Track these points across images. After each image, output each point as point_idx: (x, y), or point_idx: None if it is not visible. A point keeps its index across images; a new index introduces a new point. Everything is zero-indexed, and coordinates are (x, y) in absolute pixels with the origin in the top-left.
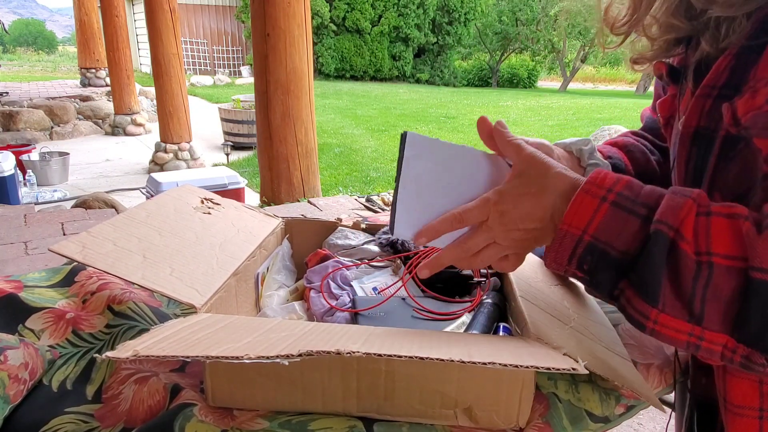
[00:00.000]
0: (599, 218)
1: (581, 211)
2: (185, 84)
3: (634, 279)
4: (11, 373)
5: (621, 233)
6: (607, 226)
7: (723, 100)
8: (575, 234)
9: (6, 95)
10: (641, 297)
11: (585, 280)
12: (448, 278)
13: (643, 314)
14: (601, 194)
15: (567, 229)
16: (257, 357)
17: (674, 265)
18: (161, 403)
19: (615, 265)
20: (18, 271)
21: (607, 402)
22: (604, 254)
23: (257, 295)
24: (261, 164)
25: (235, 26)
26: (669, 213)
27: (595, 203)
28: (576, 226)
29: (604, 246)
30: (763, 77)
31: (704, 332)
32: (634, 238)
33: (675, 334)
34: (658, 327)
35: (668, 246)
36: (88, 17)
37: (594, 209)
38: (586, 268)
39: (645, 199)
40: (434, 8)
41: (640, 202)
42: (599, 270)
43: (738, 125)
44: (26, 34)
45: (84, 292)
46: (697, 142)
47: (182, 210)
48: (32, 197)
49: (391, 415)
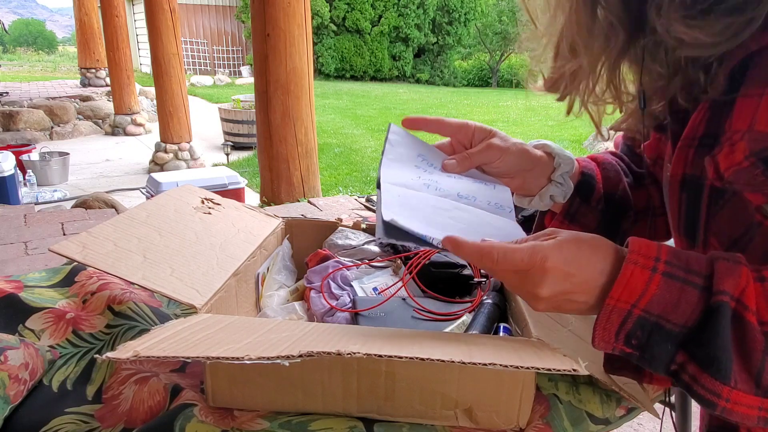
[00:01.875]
0: (652, 290)
1: (632, 284)
2: (185, 84)
3: (699, 354)
4: (11, 373)
5: (678, 306)
6: (662, 298)
7: (704, 149)
8: (623, 309)
9: (6, 95)
10: (711, 374)
11: (635, 357)
12: (449, 278)
13: (714, 393)
14: (651, 265)
15: (615, 304)
16: (258, 358)
17: (740, 337)
18: (161, 403)
19: (671, 338)
20: (18, 271)
21: (608, 404)
22: (657, 327)
23: (257, 296)
24: (261, 164)
25: (235, 26)
26: (728, 282)
27: (647, 275)
28: (625, 301)
29: (657, 319)
30: (738, 130)
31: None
32: (693, 311)
33: (747, 410)
34: (731, 405)
35: (733, 318)
36: (88, 17)
37: (646, 281)
38: (635, 343)
39: (697, 267)
40: (434, 8)
41: (694, 271)
42: (653, 344)
43: (722, 179)
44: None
45: (84, 292)
46: (685, 188)
47: (182, 210)
48: (32, 197)
49: (391, 416)
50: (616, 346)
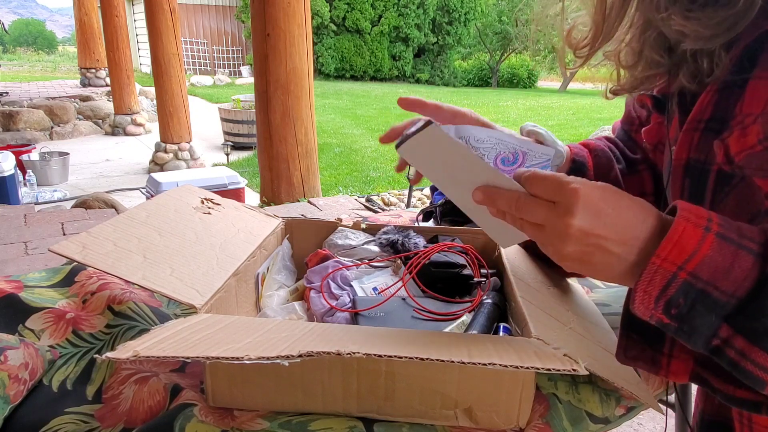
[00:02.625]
0: (704, 251)
1: (683, 241)
2: (185, 84)
3: (750, 327)
4: (11, 373)
5: (730, 272)
6: (714, 261)
7: (711, 133)
8: (669, 270)
9: (6, 95)
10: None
11: (672, 328)
12: (448, 278)
13: (765, 369)
14: (704, 224)
15: (660, 264)
16: (257, 358)
17: None
18: (161, 403)
19: (717, 308)
20: (18, 271)
21: (607, 403)
22: (704, 295)
23: (257, 296)
24: (261, 164)
25: (235, 26)
26: None
27: (699, 234)
28: (672, 261)
29: (705, 286)
30: (750, 113)
31: None
32: (746, 278)
33: None
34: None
35: None
36: (88, 17)
37: (698, 240)
38: (674, 312)
39: (749, 233)
40: (434, 8)
41: (748, 237)
42: (696, 315)
43: (731, 163)
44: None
45: (84, 292)
46: (689, 173)
47: (182, 210)
48: (32, 197)
49: (391, 416)
50: (654, 313)
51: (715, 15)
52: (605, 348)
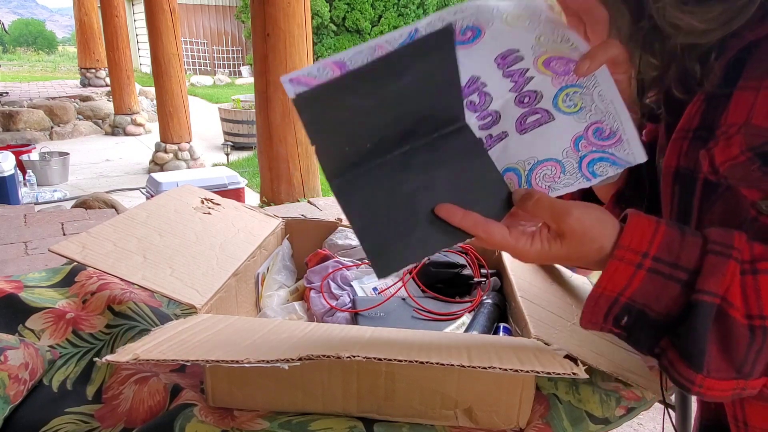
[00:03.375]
0: (635, 285)
1: (616, 278)
2: (185, 84)
3: (677, 343)
4: (11, 373)
5: (660, 298)
6: (645, 291)
7: (699, 142)
8: (610, 296)
9: (6, 95)
10: (685, 363)
11: (623, 337)
12: (448, 278)
13: (688, 379)
14: (637, 261)
15: (602, 292)
16: (257, 361)
17: (723, 333)
18: (161, 403)
19: (654, 325)
20: (18, 271)
21: (607, 403)
22: (642, 314)
23: (257, 296)
24: (261, 164)
25: (235, 26)
26: (712, 281)
27: (630, 271)
28: (611, 290)
29: (642, 307)
30: (734, 123)
31: (748, 383)
32: (675, 303)
33: (721, 393)
34: (704, 390)
35: (714, 314)
36: (88, 17)
37: (629, 276)
38: (623, 324)
39: (685, 262)
40: (434, 8)
41: (681, 267)
42: (637, 329)
43: (717, 173)
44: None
45: (84, 293)
46: (678, 181)
47: (182, 210)
48: (32, 197)
49: (391, 416)
50: (604, 326)
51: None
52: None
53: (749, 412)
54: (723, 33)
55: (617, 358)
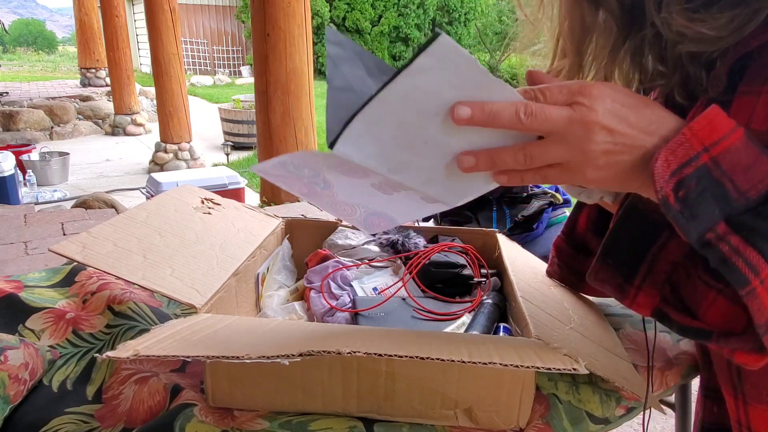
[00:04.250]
0: (732, 141)
1: (716, 123)
2: (185, 84)
3: (749, 226)
4: (11, 373)
5: (750, 168)
6: (738, 153)
7: None
8: (695, 148)
9: (6, 95)
10: (758, 249)
11: (673, 210)
12: (449, 278)
13: (753, 268)
14: (733, 124)
15: (690, 137)
16: (258, 357)
17: None
18: (161, 403)
19: (724, 203)
20: (18, 271)
21: (607, 403)
22: (717, 186)
23: (257, 296)
24: None
25: (235, 26)
26: None
27: (732, 124)
28: (701, 139)
29: (721, 176)
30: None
31: None
32: (761, 180)
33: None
34: (761, 289)
35: None
36: (88, 17)
37: (731, 128)
38: (682, 195)
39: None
40: (434, 8)
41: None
42: (702, 202)
43: None
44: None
45: (84, 292)
46: None
47: (182, 210)
48: (32, 197)
49: (391, 416)
50: (665, 186)
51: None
52: (606, 348)
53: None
54: (735, 39)
55: (612, 365)
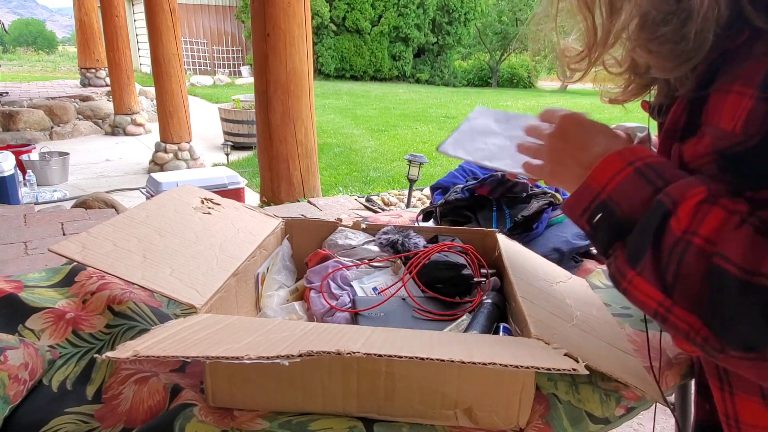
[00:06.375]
0: (619, 179)
1: (608, 168)
2: (185, 84)
3: (627, 241)
4: (11, 373)
5: (632, 197)
6: (623, 188)
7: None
8: (595, 189)
9: (6, 95)
10: (625, 257)
11: (588, 234)
12: (448, 278)
13: (621, 273)
14: (630, 160)
15: (590, 183)
16: (258, 357)
17: (660, 236)
18: (161, 403)
19: (617, 226)
20: (18, 271)
21: (607, 403)
22: (612, 214)
23: (257, 295)
24: (261, 164)
25: (235, 26)
26: (678, 189)
27: (621, 165)
28: (598, 182)
29: (615, 206)
30: (708, 123)
31: (674, 307)
32: (641, 204)
33: (645, 298)
34: (631, 288)
35: (662, 216)
36: (88, 17)
37: (618, 170)
38: (594, 223)
39: (669, 176)
40: (434, 8)
41: (664, 177)
42: (603, 228)
43: (686, 168)
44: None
45: (84, 292)
46: None
47: (182, 210)
48: (32, 197)
49: (391, 416)
50: (579, 219)
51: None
52: (610, 343)
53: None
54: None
55: (615, 360)
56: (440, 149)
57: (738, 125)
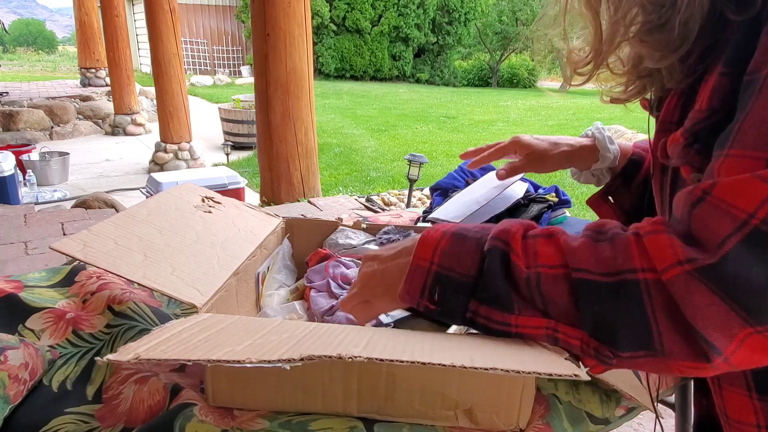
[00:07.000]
0: (442, 245)
1: (427, 243)
2: (185, 84)
3: (485, 296)
4: (11, 373)
5: (460, 256)
6: (449, 251)
7: None
8: (424, 266)
9: (6, 95)
10: (497, 309)
11: (438, 312)
12: None
13: (504, 323)
14: (444, 229)
15: (417, 263)
16: (259, 361)
17: (511, 275)
18: (161, 403)
19: (460, 288)
20: (18, 271)
21: (607, 404)
22: (450, 280)
23: (258, 295)
24: (261, 164)
25: (235, 26)
26: (500, 232)
27: (438, 234)
28: (424, 258)
29: (448, 272)
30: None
31: (558, 325)
32: (472, 258)
33: (535, 331)
34: (521, 329)
35: (503, 258)
36: (88, 17)
37: (437, 239)
38: (437, 298)
39: (480, 229)
40: (434, 8)
41: (476, 230)
42: (448, 296)
43: (666, 157)
44: (26, 34)
45: (84, 292)
46: (663, 172)
47: (183, 209)
48: (32, 197)
49: (391, 416)
50: (421, 302)
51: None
52: None
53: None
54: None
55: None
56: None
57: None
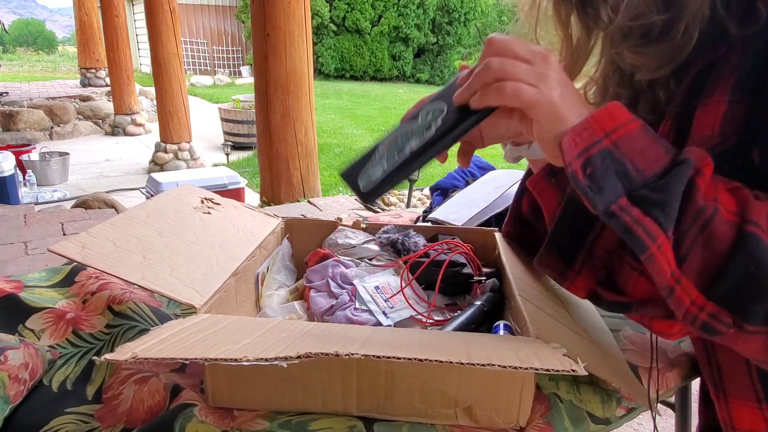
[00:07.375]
0: (629, 129)
1: (616, 114)
2: (185, 84)
3: (650, 199)
4: (11, 373)
5: (645, 152)
6: (634, 139)
7: None
8: (598, 133)
9: (6, 95)
10: (653, 218)
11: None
12: (448, 278)
13: (651, 236)
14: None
15: (593, 124)
16: (256, 359)
17: (689, 195)
18: (161, 403)
19: (627, 179)
20: (18, 271)
21: (608, 403)
22: (620, 165)
23: (257, 295)
24: (261, 164)
25: (235, 26)
26: (695, 153)
27: (631, 115)
28: (603, 126)
29: (621, 157)
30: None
31: (682, 277)
32: (657, 161)
33: (666, 266)
34: (658, 254)
35: (689, 176)
36: (88, 17)
37: (629, 118)
38: (589, 172)
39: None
40: (434, 8)
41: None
42: (607, 178)
43: None
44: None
45: (84, 293)
46: None
47: (182, 210)
48: (32, 197)
49: (391, 415)
50: (573, 163)
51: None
52: (602, 348)
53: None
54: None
55: (608, 365)
56: None
57: (715, 128)
